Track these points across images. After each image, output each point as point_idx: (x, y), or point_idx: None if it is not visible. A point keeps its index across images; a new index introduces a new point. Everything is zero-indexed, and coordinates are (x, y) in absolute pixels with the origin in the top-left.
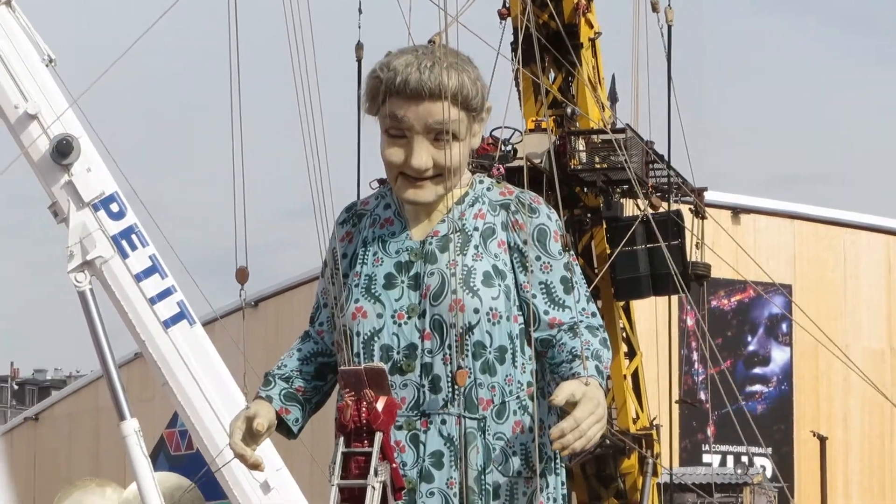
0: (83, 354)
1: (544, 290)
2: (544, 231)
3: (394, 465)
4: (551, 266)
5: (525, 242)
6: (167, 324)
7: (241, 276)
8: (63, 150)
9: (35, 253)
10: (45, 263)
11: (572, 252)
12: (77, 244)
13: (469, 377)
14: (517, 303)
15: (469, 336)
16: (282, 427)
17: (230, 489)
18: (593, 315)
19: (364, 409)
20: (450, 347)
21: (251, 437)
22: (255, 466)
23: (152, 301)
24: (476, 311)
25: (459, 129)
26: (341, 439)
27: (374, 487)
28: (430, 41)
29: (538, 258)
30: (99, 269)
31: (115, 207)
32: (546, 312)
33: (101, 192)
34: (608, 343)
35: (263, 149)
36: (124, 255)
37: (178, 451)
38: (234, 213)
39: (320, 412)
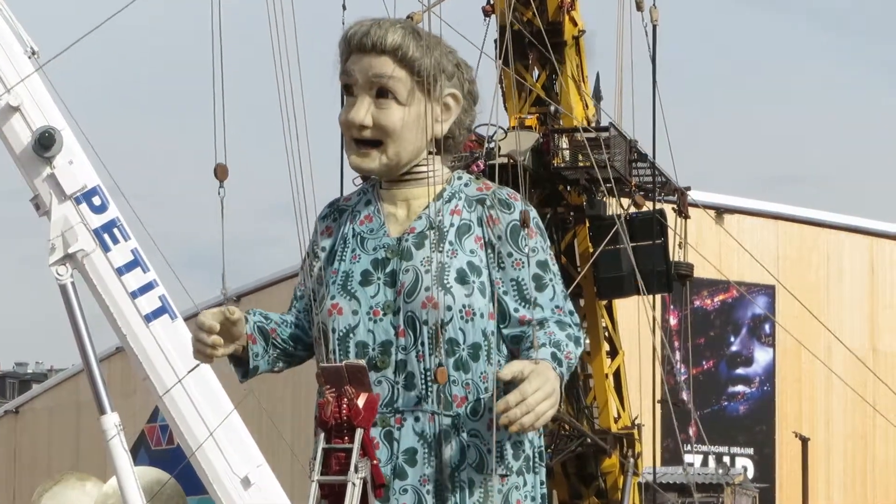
0: (64, 348)
1: (515, 288)
2: (517, 227)
3: (374, 461)
4: (523, 263)
5: (499, 238)
6: (149, 318)
7: (221, 172)
8: (45, 143)
9: (17, 246)
10: (27, 256)
11: (547, 248)
12: (59, 237)
13: (444, 374)
14: (493, 300)
15: (442, 333)
16: (237, 362)
17: (210, 484)
18: (567, 313)
19: (345, 405)
20: (423, 344)
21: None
22: (213, 346)
23: (134, 295)
24: (449, 308)
25: (397, 89)
26: (321, 435)
27: (354, 484)
28: (408, 17)
29: (510, 255)
30: (81, 262)
31: (97, 201)
32: (516, 310)
33: (83, 185)
34: (578, 340)
35: (246, 147)
36: (106, 249)
37: (158, 446)
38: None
39: (302, 407)
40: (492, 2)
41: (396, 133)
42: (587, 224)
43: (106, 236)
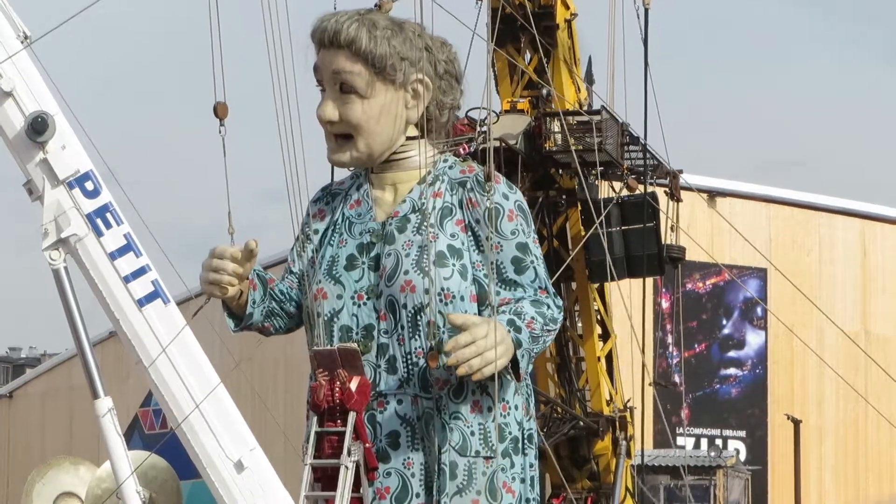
0: (58, 333)
1: (494, 270)
2: (497, 210)
3: (367, 444)
4: (501, 246)
5: (478, 221)
6: (141, 302)
7: (222, 110)
8: (38, 128)
9: (10, 231)
10: (20, 241)
11: (529, 232)
12: (52, 222)
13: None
14: (476, 282)
15: (420, 316)
16: (229, 311)
17: (203, 469)
18: (550, 295)
19: (337, 388)
20: (403, 328)
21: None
22: (234, 275)
23: (126, 279)
24: (427, 291)
25: (356, 83)
26: (314, 419)
27: (347, 467)
28: (376, 5)
29: (489, 238)
30: (73, 247)
31: (89, 185)
32: (497, 293)
33: (75, 169)
34: (554, 319)
35: (240, 132)
36: (99, 234)
37: (152, 430)
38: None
39: (294, 390)
40: None
41: (361, 127)
42: (579, 207)
43: (99, 221)
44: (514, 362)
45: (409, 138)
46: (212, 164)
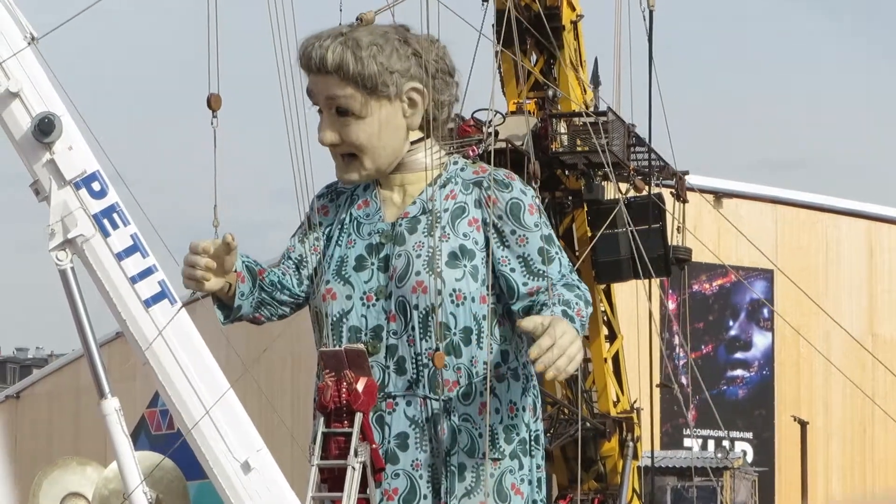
0: (65, 333)
1: (522, 263)
2: (518, 205)
3: (374, 445)
4: (527, 238)
5: (500, 217)
6: (148, 303)
7: (215, 102)
8: (45, 129)
9: (17, 232)
10: (27, 242)
11: (548, 224)
12: (58, 222)
13: (443, 359)
14: (486, 283)
15: (432, 318)
16: (220, 304)
17: (210, 469)
18: (573, 278)
19: (344, 389)
20: (413, 329)
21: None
22: (206, 269)
23: (133, 280)
24: (439, 292)
25: (351, 106)
26: (321, 419)
27: (354, 468)
28: (357, 18)
29: (513, 232)
30: (80, 247)
31: (96, 186)
32: (525, 284)
33: (82, 170)
34: (588, 301)
35: (250, 134)
36: (105, 234)
37: (158, 431)
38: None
39: (301, 391)
40: None
41: (364, 146)
42: (585, 208)
43: (105, 221)
44: None
45: (413, 142)
46: (220, 164)
